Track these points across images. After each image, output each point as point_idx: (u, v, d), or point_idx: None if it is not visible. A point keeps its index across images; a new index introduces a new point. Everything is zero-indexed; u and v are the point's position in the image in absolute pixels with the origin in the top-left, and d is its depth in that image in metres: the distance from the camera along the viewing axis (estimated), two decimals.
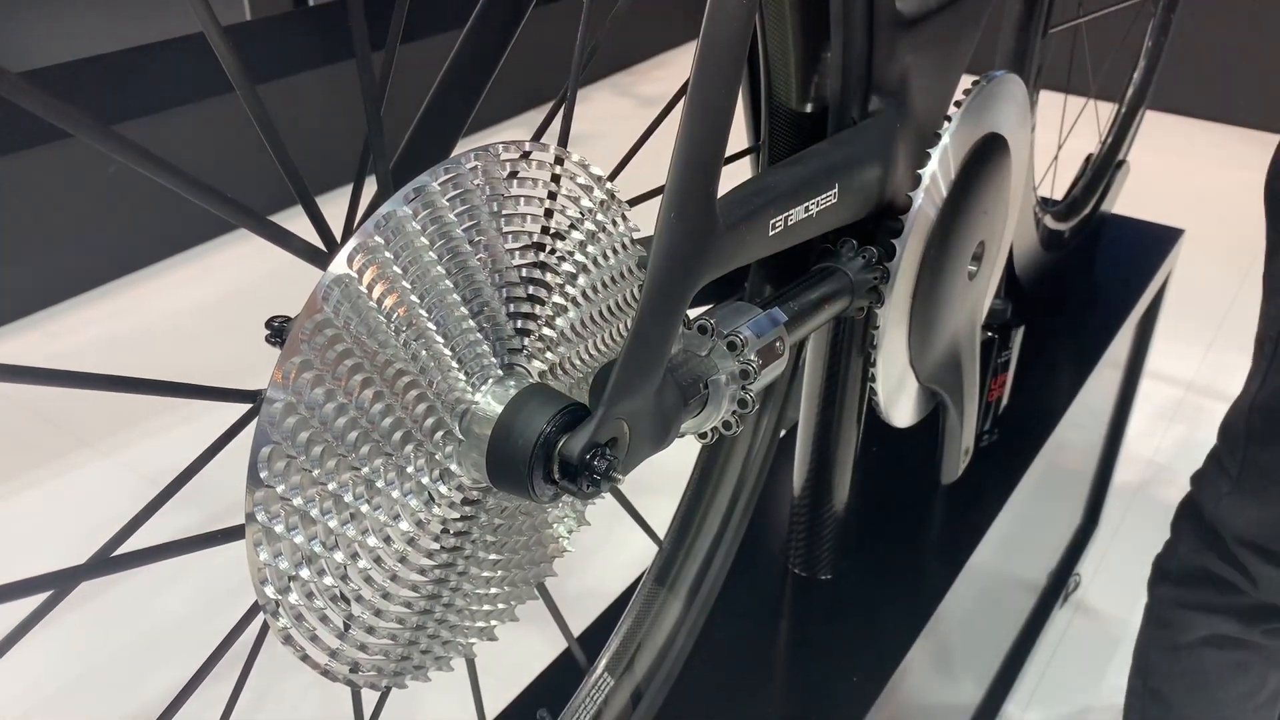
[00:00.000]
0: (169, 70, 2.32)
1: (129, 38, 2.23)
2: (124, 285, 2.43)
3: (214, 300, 2.38)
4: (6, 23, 2.07)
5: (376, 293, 0.38)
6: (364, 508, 0.40)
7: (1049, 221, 1.30)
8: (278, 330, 0.45)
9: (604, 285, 0.48)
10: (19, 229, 2.24)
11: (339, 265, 0.37)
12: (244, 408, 0.40)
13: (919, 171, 0.69)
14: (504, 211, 0.43)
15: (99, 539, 0.38)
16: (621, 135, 3.01)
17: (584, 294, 0.47)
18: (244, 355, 2.05)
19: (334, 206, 0.39)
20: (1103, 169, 1.47)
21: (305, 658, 0.40)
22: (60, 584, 0.34)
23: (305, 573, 0.39)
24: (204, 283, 2.44)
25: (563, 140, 0.48)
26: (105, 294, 2.39)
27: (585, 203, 0.47)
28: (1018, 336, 1.05)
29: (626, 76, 3.64)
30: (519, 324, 0.45)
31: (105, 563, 0.35)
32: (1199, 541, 0.93)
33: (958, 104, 0.72)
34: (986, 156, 0.74)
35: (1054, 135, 1.41)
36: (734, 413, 0.54)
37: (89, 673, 1.48)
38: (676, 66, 3.74)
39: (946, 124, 0.71)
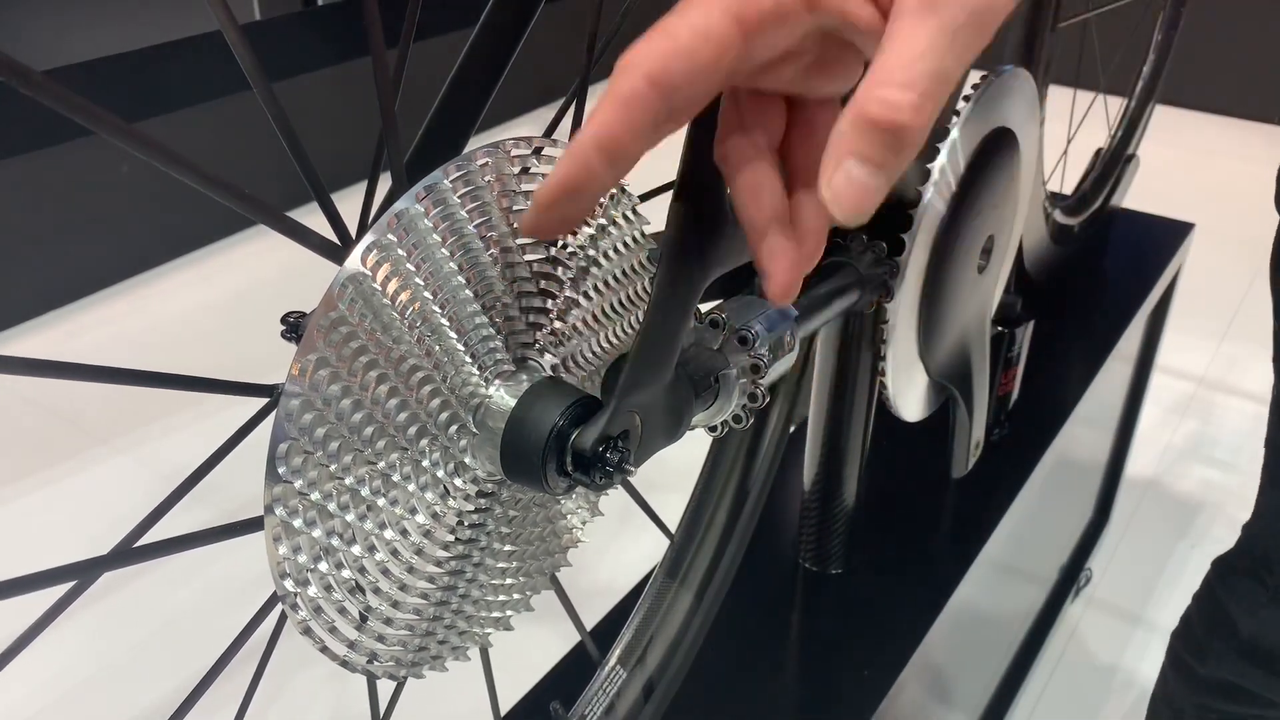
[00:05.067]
0: (179, 70, 2.33)
1: (141, 38, 2.24)
2: (137, 284, 2.44)
3: (227, 298, 2.39)
4: (26, 22, 2.09)
5: (390, 289, 0.39)
6: (380, 501, 0.41)
7: (1059, 216, 1.30)
8: (293, 326, 0.46)
9: (615, 280, 0.49)
10: (34, 228, 2.26)
11: (353, 262, 0.38)
12: (261, 402, 0.40)
13: (928, 166, 0.69)
14: (515, 207, 0.44)
15: (115, 535, 0.38)
16: None
17: (595, 288, 0.48)
18: (258, 352, 2.06)
19: (342, 206, 0.40)
20: (1113, 163, 1.47)
21: (324, 649, 0.41)
22: (83, 574, 0.35)
23: (323, 565, 0.39)
24: (216, 281, 2.46)
25: (573, 136, 0.48)
26: (119, 293, 2.41)
27: None
28: (1028, 331, 1.05)
29: None
30: (530, 318, 0.46)
31: (128, 553, 0.36)
32: (1234, 656, 0.84)
33: (966, 98, 0.72)
34: (995, 151, 0.75)
35: (1064, 130, 1.40)
36: (744, 406, 0.55)
37: (107, 668, 1.49)
38: None
39: (955, 118, 0.71)
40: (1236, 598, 0.83)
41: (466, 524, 0.45)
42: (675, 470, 0.87)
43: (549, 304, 0.46)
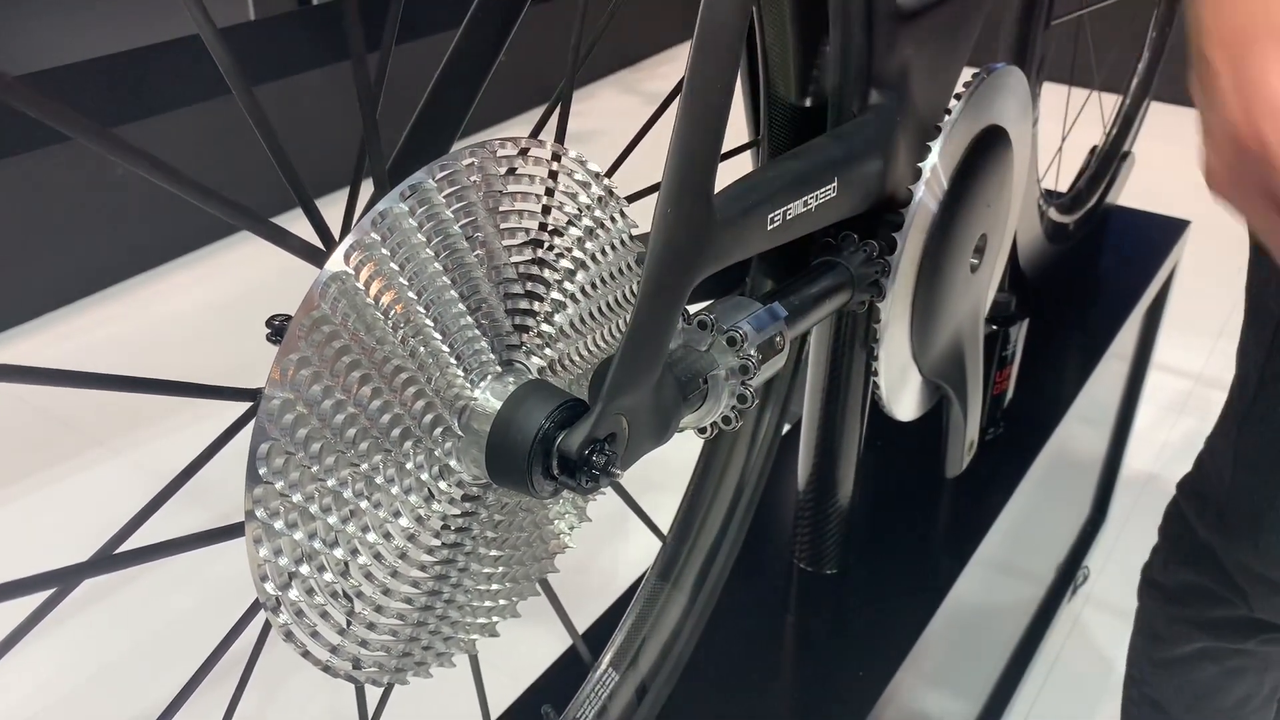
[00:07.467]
0: (167, 72, 2.32)
1: (127, 40, 2.23)
2: (130, 287, 2.44)
3: (219, 301, 2.39)
4: (5, 25, 2.08)
5: (373, 290, 0.39)
6: (363, 504, 0.41)
7: (1054, 214, 1.30)
8: (279, 329, 0.46)
9: (602, 281, 0.48)
10: (26, 231, 2.25)
11: (335, 262, 0.37)
12: (244, 406, 0.40)
13: (919, 164, 0.69)
14: (501, 208, 0.43)
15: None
16: (625, 132, 3.00)
17: (582, 290, 0.48)
18: (249, 355, 2.05)
19: (339, 207, 0.40)
20: (1107, 161, 1.47)
21: (306, 654, 0.40)
22: (63, 581, 0.34)
23: (305, 569, 0.39)
24: (209, 284, 2.45)
25: (560, 137, 0.48)
26: (112, 296, 2.40)
27: (582, 199, 0.47)
28: (1022, 330, 1.04)
29: (631, 73, 3.64)
30: (517, 320, 0.46)
31: (107, 560, 0.35)
32: (1192, 557, 0.91)
33: (958, 96, 0.72)
34: (988, 149, 0.74)
35: (1059, 127, 1.40)
36: (733, 408, 0.54)
37: (96, 674, 1.49)
38: (682, 63, 3.73)
39: (947, 117, 0.71)
40: (1192, 508, 0.92)
41: (451, 528, 0.45)
42: (668, 470, 0.87)
43: (536, 306, 0.46)
